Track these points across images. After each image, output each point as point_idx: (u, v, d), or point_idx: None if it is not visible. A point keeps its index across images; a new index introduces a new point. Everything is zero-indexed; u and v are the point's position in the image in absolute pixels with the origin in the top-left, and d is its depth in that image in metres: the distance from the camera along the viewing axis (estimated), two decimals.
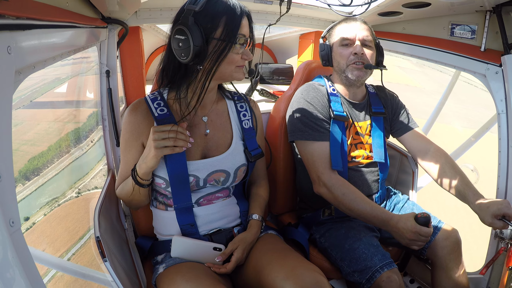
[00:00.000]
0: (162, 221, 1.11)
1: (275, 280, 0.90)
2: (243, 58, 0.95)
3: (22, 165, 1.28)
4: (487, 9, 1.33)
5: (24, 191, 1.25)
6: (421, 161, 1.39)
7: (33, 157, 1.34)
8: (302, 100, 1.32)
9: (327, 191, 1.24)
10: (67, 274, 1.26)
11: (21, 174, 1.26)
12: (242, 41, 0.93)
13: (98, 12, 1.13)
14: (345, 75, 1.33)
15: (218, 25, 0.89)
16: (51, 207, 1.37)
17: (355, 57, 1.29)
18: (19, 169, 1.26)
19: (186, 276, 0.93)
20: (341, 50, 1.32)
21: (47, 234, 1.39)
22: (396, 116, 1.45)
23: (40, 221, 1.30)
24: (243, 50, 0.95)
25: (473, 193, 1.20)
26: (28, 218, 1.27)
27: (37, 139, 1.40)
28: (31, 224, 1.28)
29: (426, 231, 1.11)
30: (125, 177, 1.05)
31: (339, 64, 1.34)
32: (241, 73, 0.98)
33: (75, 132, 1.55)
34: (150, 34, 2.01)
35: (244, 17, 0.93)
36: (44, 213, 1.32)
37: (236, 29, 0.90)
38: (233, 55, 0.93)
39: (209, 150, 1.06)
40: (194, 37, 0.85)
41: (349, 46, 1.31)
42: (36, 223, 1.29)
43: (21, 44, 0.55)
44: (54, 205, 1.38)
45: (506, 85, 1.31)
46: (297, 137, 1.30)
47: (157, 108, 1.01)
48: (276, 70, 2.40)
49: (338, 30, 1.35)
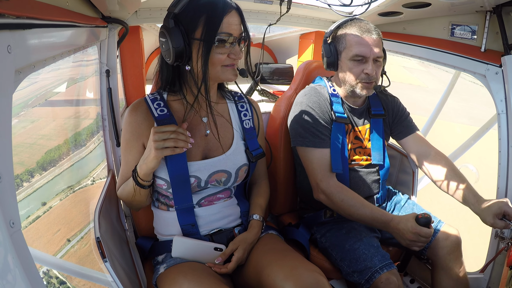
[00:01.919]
0: (163, 221, 1.10)
1: (275, 281, 0.90)
2: (230, 58, 0.92)
3: (39, 157, 1.40)
4: (487, 10, 1.33)
5: (42, 180, 1.37)
6: (421, 165, 1.39)
7: (49, 149, 1.45)
8: (304, 105, 1.31)
9: (325, 198, 1.25)
10: (67, 274, 1.25)
11: (38, 164, 1.39)
12: (226, 40, 0.89)
13: (98, 12, 1.13)
14: (352, 90, 1.29)
15: (198, 25, 0.88)
16: (66, 194, 1.48)
17: (366, 77, 1.24)
18: (37, 160, 1.40)
19: (187, 276, 0.93)
20: (352, 65, 1.24)
21: (63, 216, 1.51)
22: (397, 119, 1.44)
23: (56, 206, 1.43)
24: (232, 49, 0.91)
25: (474, 195, 1.20)
26: (45, 203, 1.40)
27: (52, 134, 1.49)
28: (48, 208, 1.40)
29: (427, 232, 1.11)
30: (126, 178, 1.05)
31: (348, 79, 1.27)
32: (229, 73, 0.94)
33: (88, 128, 1.61)
34: (150, 34, 2.01)
35: (228, 15, 0.89)
36: (60, 198, 1.45)
37: (215, 28, 0.87)
38: (216, 55, 0.90)
39: (210, 151, 1.06)
40: (172, 39, 0.87)
41: (361, 62, 1.23)
42: (52, 207, 1.42)
43: (21, 43, 0.55)
44: (69, 192, 1.49)
45: (506, 86, 1.31)
46: (298, 143, 1.30)
47: (157, 109, 1.01)
48: (276, 70, 2.40)
49: (350, 40, 1.23)
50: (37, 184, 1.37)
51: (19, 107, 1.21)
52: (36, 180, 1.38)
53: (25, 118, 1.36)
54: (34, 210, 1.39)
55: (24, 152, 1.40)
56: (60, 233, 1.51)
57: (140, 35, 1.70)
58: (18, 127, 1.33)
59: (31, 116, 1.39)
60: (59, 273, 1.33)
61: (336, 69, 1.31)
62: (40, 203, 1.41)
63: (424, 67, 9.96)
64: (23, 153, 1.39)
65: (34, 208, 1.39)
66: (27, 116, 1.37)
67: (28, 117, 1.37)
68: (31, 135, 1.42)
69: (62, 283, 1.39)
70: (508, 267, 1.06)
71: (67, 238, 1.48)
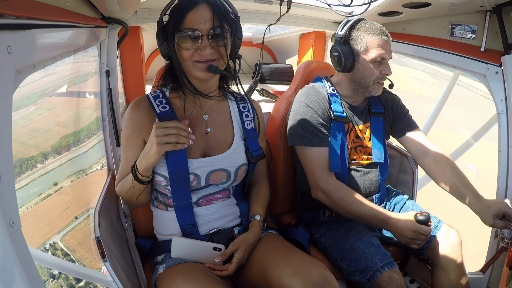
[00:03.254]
0: (162, 221, 1.10)
1: (282, 277, 0.90)
2: (198, 53, 0.92)
3: (54, 142, 1.58)
4: (487, 9, 1.33)
5: (55, 162, 1.56)
6: (421, 163, 1.39)
7: (64, 135, 1.61)
8: (302, 104, 1.31)
9: (324, 196, 1.25)
10: (67, 274, 1.26)
11: (53, 148, 1.56)
12: (188, 35, 0.90)
13: (98, 12, 1.13)
14: (367, 90, 1.30)
15: (170, 23, 0.93)
16: (78, 176, 1.63)
17: (382, 77, 1.28)
18: (52, 144, 1.57)
19: (186, 277, 0.93)
20: (373, 66, 1.25)
21: (73, 195, 1.69)
22: (397, 117, 1.45)
23: (67, 186, 1.61)
24: (198, 45, 0.91)
25: (474, 195, 1.20)
26: (57, 183, 1.62)
27: (67, 122, 1.61)
28: (59, 187, 1.60)
29: (426, 230, 1.11)
30: (126, 174, 1.05)
31: (366, 79, 1.28)
32: (198, 69, 0.94)
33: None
34: (150, 34, 2.01)
35: (194, 10, 0.90)
36: (71, 180, 1.62)
37: (177, 24, 0.91)
38: (183, 51, 0.93)
39: (210, 149, 1.06)
40: (157, 37, 0.95)
41: (380, 63, 1.26)
42: (63, 188, 1.61)
43: (21, 43, 0.55)
44: (82, 174, 1.63)
45: (506, 85, 1.31)
46: (296, 142, 1.30)
47: (159, 105, 1.02)
48: (276, 70, 2.40)
49: (371, 42, 1.24)
50: (50, 166, 1.53)
51: (37, 96, 1.33)
52: (50, 162, 1.53)
53: (42, 106, 1.52)
54: (46, 189, 1.57)
55: (39, 137, 1.60)
56: (69, 210, 1.68)
57: (140, 36, 1.70)
58: (35, 113, 1.51)
59: (47, 104, 1.53)
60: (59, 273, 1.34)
61: (351, 70, 1.29)
62: (52, 183, 1.59)
63: (436, 79, 9.91)
64: (38, 138, 1.59)
65: (46, 187, 1.57)
66: (44, 104, 1.51)
67: (45, 105, 1.52)
68: (47, 122, 1.59)
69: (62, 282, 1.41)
70: (508, 267, 1.06)
71: (74, 216, 1.62)
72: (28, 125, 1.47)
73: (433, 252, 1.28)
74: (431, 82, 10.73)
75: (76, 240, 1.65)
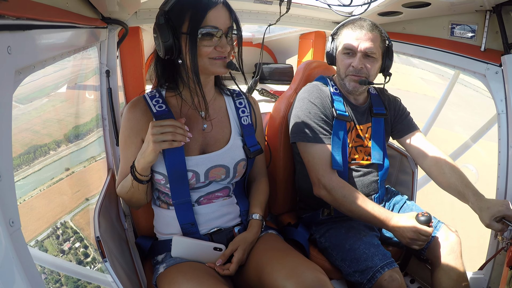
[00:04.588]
0: (163, 220, 1.11)
1: (277, 279, 0.90)
2: (217, 50, 0.94)
3: (67, 131, 1.67)
4: (487, 9, 1.33)
5: (66, 150, 1.68)
6: (421, 163, 1.39)
7: (76, 125, 1.67)
8: (305, 100, 1.32)
9: (327, 194, 1.24)
10: (67, 274, 1.26)
11: (65, 137, 1.67)
12: (211, 33, 0.91)
13: (98, 13, 1.14)
14: (343, 83, 1.34)
15: (184, 20, 0.92)
16: (90, 162, 1.72)
17: (353, 70, 1.29)
18: (64, 133, 1.68)
19: (187, 276, 0.94)
20: (343, 58, 1.31)
21: (84, 180, 1.78)
22: (398, 118, 1.45)
23: (78, 171, 1.72)
24: (218, 42, 0.93)
25: (473, 193, 1.20)
26: (68, 169, 1.73)
27: (81, 113, 1.66)
28: (70, 173, 1.72)
29: (427, 231, 1.11)
30: (125, 175, 1.06)
31: (340, 70, 1.35)
32: (217, 66, 0.96)
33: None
34: (150, 35, 2.01)
35: (213, 9, 0.92)
36: (84, 165, 1.74)
37: (199, 21, 0.91)
38: (203, 48, 0.93)
39: (208, 146, 1.07)
40: (161, 34, 0.92)
41: (350, 55, 1.29)
42: (75, 172, 1.72)
43: (21, 44, 0.55)
44: (92, 161, 1.71)
45: (506, 85, 1.30)
46: (299, 139, 1.30)
47: (155, 105, 1.03)
48: (276, 70, 2.40)
49: (344, 34, 1.32)
50: (63, 153, 1.64)
51: (50, 88, 1.41)
52: (62, 149, 1.63)
53: (55, 98, 1.61)
54: (58, 174, 1.66)
55: (52, 126, 1.70)
56: (80, 193, 1.77)
57: (140, 36, 1.71)
58: (48, 105, 1.63)
59: (60, 96, 1.61)
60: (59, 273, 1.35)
61: (333, 63, 1.40)
62: (63, 168, 1.68)
63: (443, 80, 9.89)
64: (51, 127, 1.69)
65: (58, 171, 1.66)
66: (57, 96, 1.61)
67: (58, 97, 1.61)
68: (59, 113, 1.68)
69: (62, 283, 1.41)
70: (508, 267, 1.06)
71: (85, 197, 1.70)
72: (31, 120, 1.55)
73: (432, 253, 1.28)
74: (437, 83, 10.74)
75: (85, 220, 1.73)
